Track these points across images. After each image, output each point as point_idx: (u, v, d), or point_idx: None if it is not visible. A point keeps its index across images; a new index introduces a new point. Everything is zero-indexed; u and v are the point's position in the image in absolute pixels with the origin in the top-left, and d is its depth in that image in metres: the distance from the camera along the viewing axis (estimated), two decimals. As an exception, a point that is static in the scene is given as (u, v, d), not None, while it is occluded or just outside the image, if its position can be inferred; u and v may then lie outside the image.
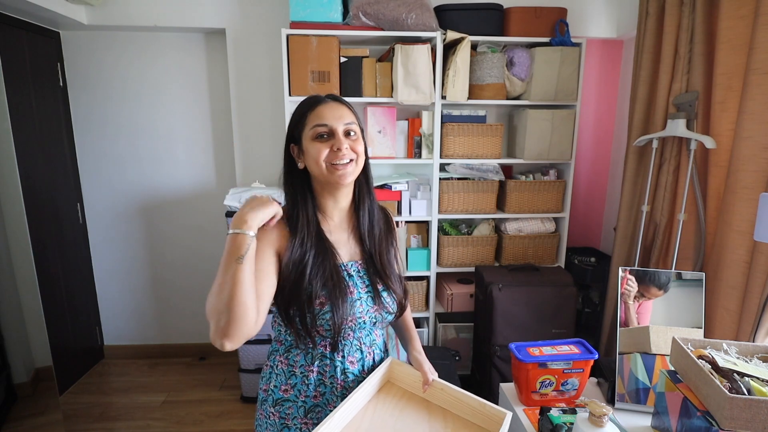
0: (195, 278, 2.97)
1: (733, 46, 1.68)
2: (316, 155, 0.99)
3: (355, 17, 2.24)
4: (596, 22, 2.60)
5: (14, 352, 2.17)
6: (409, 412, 1.04)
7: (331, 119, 1.00)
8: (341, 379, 1.05)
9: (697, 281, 1.34)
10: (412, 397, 1.09)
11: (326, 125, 1.00)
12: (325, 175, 1.00)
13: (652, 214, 2.11)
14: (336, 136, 1.00)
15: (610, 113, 2.83)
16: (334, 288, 1.00)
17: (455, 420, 1.03)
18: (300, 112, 1.04)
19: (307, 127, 1.01)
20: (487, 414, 1.00)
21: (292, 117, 1.06)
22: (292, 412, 1.05)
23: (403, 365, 1.11)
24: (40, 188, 2.44)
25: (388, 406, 1.05)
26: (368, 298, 1.06)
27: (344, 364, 1.06)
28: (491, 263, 2.62)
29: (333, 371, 1.05)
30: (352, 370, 1.07)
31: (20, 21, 2.30)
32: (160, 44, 2.65)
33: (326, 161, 0.99)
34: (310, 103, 1.04)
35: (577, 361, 1.28)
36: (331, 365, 1.05)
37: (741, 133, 1.57)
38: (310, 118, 1.01)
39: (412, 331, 1.23)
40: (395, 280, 1.12)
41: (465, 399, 1.03)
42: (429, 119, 2.43)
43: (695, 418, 1.02)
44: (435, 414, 1.04)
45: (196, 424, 2.40)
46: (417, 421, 1.01)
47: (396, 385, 1.12)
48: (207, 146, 2.81)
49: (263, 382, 1.10)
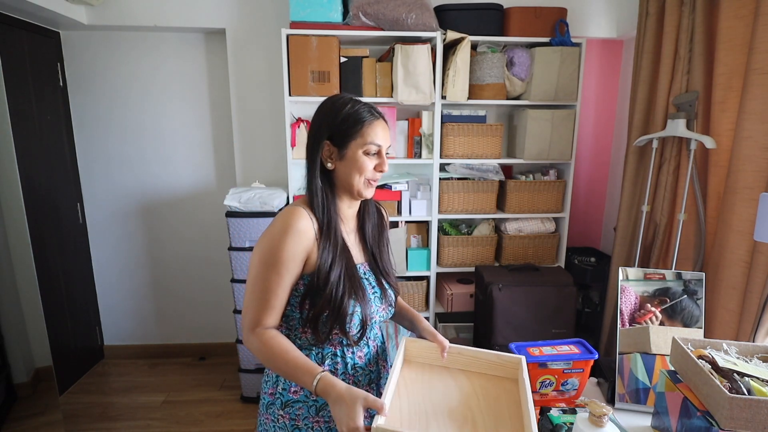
0: (195, 278, 2.97)
1: (733, 46, 1.68)
2: (362, 168, 1.02)
3: (355, 17, 2.24)
4: (596, 22, 2.60)
5: (14, 352, 2.16)
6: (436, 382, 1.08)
7: (383, 140, 1.04)
8: (351, 374, 1.09)
9: (697, 281, 1.34)
10: (432, 368, 1.13)
11: (380, 146, 1.04)
12: (359, 187, 1.04)
13: (652, 214, 2.11)
14: (381, 156, 1.05)
15: (610, 113, 2.83)
16: (359, 290, 1.04)
17: (479, 377, 1.10)
18: (352, 120, 1.02)
19: (360, 138, 1.02)
20: (504, 364, 1.09)
21: (333, 118, 1.03)
22: (302, 412, 1.05)
23: (417, 341, 1.15)
24: (40, 188, 2.44)
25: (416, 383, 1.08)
26: (376, 298, 1.09)
27: (354, 360, 1.09)
28: (491, 263, 2.62)
29: (344, 368, 1.08)
30: (360, 365, 1.10)
31: (20, 21, 2.30)
32: (160, 44, 2.65)
33: (368, 177, 1.04)
34: (365, 115, 1.03)
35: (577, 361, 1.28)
36: (342, 362, 1.07)
37: (741, 133, 1.57)
38: (367, 131, 1.02)
39: (412, 311, 1.25)
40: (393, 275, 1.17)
41: (482, 356, 1.11)
42: (429, 119, 2.43)
43: (695, 418, 1.02)
44: (459, 377, 1.10)
45: (196, 424, 2.40)
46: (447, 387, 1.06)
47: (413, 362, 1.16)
48: (207, 146, 2.81)
49: (269, 385, 1.09)
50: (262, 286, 0.97)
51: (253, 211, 2.32)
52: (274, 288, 0.97)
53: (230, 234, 2.35)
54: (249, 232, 2.34)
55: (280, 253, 0.96)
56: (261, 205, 2.32)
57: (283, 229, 0.98)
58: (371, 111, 1.04)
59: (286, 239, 0.97)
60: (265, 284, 0.97)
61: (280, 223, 0.99)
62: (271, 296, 0.97)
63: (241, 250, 2.36)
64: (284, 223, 0.98)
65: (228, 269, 2.79)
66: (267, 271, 0.97)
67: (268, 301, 0.97)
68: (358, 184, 1.03)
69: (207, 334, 3.05)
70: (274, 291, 0.97)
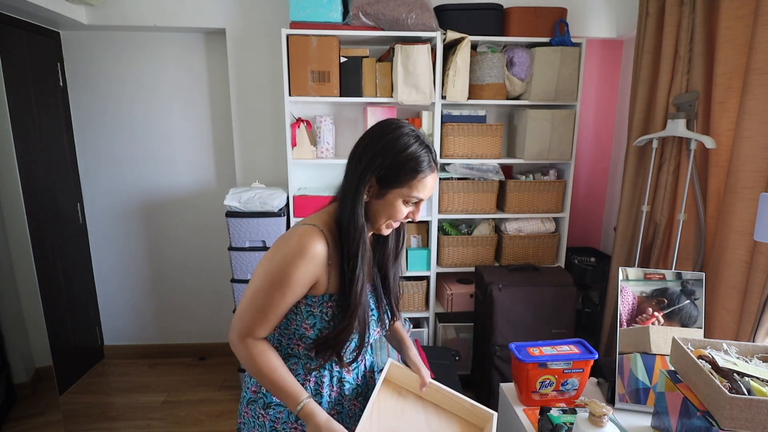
0: (195, 278, 2.97)
1: (733, 46, 1.68)
2: (394, 215, 0.98)
3: (355, 17, 2.24)
4: (596, 22, 2.60)
5: (14, 352, 2.17)
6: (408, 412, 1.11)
7: (428, 194, 0.99)
8: (336, 387, 1.09)
9: (697, 281, 1.34)
10: (408, 395, 1.16)
11: (422, 199, 0.99)
12: (379, 226, 1.02)
13: (652, 214, 2.11)
14: (419, 207, 1.01)
15: (610, 113, 2.83)
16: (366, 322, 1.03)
17: (450, 418, 1.12)
18: (408, 167, 0.94)
19: (406, 187, 0.95)
20: (477, 413, 1.11)
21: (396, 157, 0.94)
22: (282, 416, 1.06)
23: (402, 368, 1.16)
24: (40, 188, 2.44)
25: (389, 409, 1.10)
26: (372, 321, 1.08)
27: (341, 374, 1.09)
28: (491, 263, 2.62)
29: (329, 381, 1.07)
30: (348, 379, 1.10)
31: (20, 21, 2.30)
32: (160, 44, 2.65)
33: (394, 222, 1.01)
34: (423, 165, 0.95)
35: (577, 361, 1.28)
36: (328, 375, 1.07)
37: (741, 133, 1.57)
38: (417, 184, 0.95)
39: (404, 335, 1.25)
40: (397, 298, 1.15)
41: (458, 400, 1.12)
42: (429, 119, 2.42)
43: (695, 418, 1.02)
44: (431, 413, 1.13)
45: (196, 424, 2.40)
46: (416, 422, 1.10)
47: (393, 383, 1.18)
48: (207, 146, 2.81)
49: (253, 382, 1.09)
50: (263, 301, 0.95)
51: (253, 211, 2.32)
52: (275, 307, 0.96)
53: (230, 234, 2.35)
54: (249, 232, 2.34)
55: (290, 276, 0.93)
56: (261, 205, 2.32)
57: (298, 251, 0.93)
58: (431, 161, 0.97)
59: (300, 263, 0.93)
60: (267, 300, 0.95)
61: (296, 243, 0.94)
62: (270, 313, 0.96)
63: (241, 250, 2.36)
64: (300, 246, 0.94)
65: (228, 269, 2.79)
66: (272, 289, 0.94)
67: (266, 317, 0.96)
68: (381, 225, 1.01)
69: (207, 334, 3.05)
70: (274, 310, 0.96)
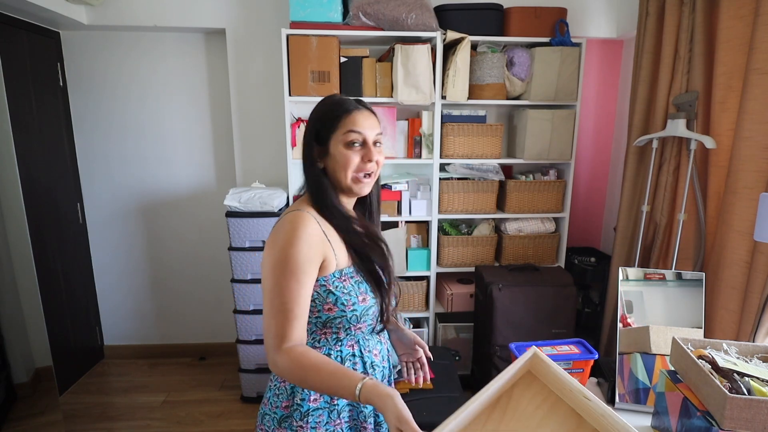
0: (195, 278, 2.97)
1: (733, 46, 1.68)
2: (345, 163, 0.97)
3: (355, 17, 2.24)
4: (596, 22, 2.60)
5: (14, 352, 2.16)
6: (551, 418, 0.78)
7: (366, 128, 0.98)
8: (371, 373, 1.06)
9: (697, 281, 1.34)
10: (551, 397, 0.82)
11: (361, 133, 0.97)
12: (346, 183, 0.99)
13: (652, 214, 2.11)
14: (368, 145, 0.98)
15: (610, 113, 2.83)
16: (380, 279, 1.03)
17: None
18: (331, 114, 0.98)
19: (339, 131, 0.97)
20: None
21: (318, 115, 1.01)
22: (323, 419, 1.00)
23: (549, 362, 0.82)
24: (40, 188, 2.44)
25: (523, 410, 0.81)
26: None
27: (371, 358, 1.06)
28: (491, 263, 2.62)
29: (363, 367, 1.05)
30: (377, 363, 1.08)
31: (20, 21, 2.30)
32: (160, 44, 2.65)
33: (354, 172, 0.98)
34: (344, 107, 0.99)
35: (577, 361, 1.28)
36: (360, 362, 1.04)
37: (741, 133, 1.57)
38: (344, 122, 0.97)
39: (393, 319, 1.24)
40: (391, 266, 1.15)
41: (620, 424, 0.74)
42: (429, 119, 2.42)
43: (695, 418, 1.02)
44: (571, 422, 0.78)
45: (196, 424, 2.40)
46: None
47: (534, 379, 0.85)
48: (207, 146, 2.81)
49: (281, 398, 1.01)
50: (281, 298, 0.90)
51: (253, 211, 2.32)
52: (295, 296, 0.90)
53: (230, 234, 2.35)
54: (249, 232, 2.34)
55: (296, 258, 0.90)
56: (261, 205, 2.32)
57: (292, 235, 0.91)
58: (349, 102, 1.00)
59: (299, 243, 0.91)
60: (284, 295, 0.89)
61: (287, 230, 0.93)
62: (293, 305, 0.90)
63: (241, 250, 2.36)
64: (292, 229, 0.92)
65: (228, 269, 2.79)
66: (284, 280, 0.90)
67: (291, 311, 0.89)
68: (345, 181, 0.99)
69: (207, 334, 3.05)
70: (295, 299, 0.90)
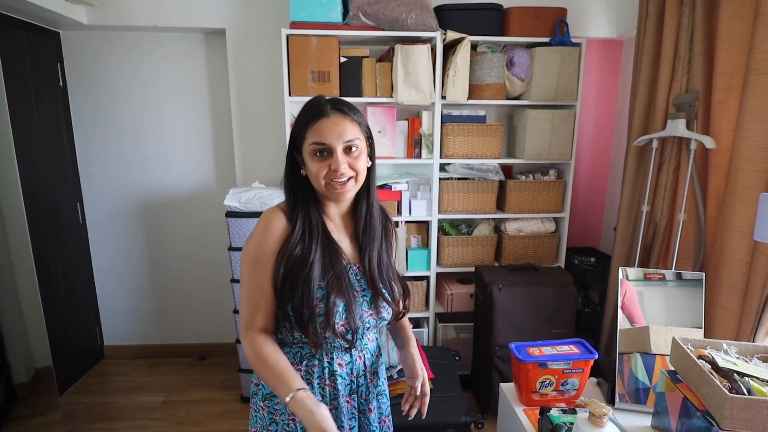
0: (195, 278, 2.97)
1: (733, 46, 1.68)
2: (315, 173, 0.98)
3: (355, 17, 2.24)
4: (596, 22, 2.60)
5: (14, 352, 2.16)
6: None
7: (329, 137, 0.95)
8: (329, 380, 1.06)
9: (697, 281, 1.34)
10: None
11: (324, 144, 0.96)
12: (322, 192, 1.01)
13: (652, 214, 2.11)
14: (334, 155, 0.96)
15: (610, 113, 2.83)
16: (346, 288, 1.01)
17: None
18: (300, 123, 1.00)
19: (306, 141, 0.98)
20: None
21: (294, 124, 1.02)
22: (280, 408, 1.06)
23: None
24: (40, 188, 2.44)
25: None
26: (364, 302, 1.06)
27: (332, 366, 1.06)
28: (491, 263, 2.62)
29: (321, 372, 1.06)
30: (340, 373, 1.07)
31: (20, 21, 2.30)
32: (160, 44, 2.65)
33: (325, 179, 0.98)
34: (311, 115, 0.98)
35: (577, 361, 1.28)
36: (318, 366, 1.05)
37: (741, 133, 1.57)
38: (309, 133, 0.97)
39: (409, 332, 1.22)
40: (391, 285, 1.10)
41: None
42: (429, 119, 2.42)
43: (695, 418, 1.02)
44: None
45: (196, 424, 2.40)
46: None
47: None
48: (207, 146, 2.81)
49: (255, 376, 1.12)
50: (247, 287, 1.02)
51: (253, 211, 2.32)
52: (258, 287, 1.00)
53: (230, 234, 2.35)
54: (249, 232, 2.33)
55: (257, 253, 1.00)
56: (261, 205, 2.32)
57: (260, 229, 1.02)
58: (319, 107, 0.98)
59: (261, 238, 1.01)
60: (249, 284, 1.01)
61: (259, 225, 1.03)
62: (255, 294, 1.00)
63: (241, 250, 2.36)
64: (261, 225, 1.02)
65: (228, 269, 2.79)
66: (249, 271, 1.01)
67: (256, 302, 1.01)
68: (320, 188, 1.00)
69: (207, 334, 3.05)
70: (255, 289, 1.00)
